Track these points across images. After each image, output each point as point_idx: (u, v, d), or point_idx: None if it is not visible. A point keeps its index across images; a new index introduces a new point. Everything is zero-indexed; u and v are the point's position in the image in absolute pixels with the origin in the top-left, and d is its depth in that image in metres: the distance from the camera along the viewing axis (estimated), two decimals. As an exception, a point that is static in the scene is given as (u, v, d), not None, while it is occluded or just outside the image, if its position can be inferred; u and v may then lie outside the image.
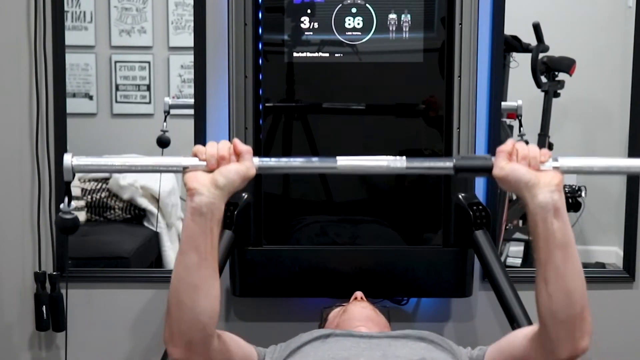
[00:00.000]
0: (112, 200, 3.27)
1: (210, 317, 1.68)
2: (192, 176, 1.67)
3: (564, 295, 1.68)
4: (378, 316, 2.08)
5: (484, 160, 1.72)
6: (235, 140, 1.70)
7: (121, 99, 3.41)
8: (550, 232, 1.66)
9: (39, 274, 2.53)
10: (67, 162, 1.71)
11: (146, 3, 3.37)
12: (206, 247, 1.66)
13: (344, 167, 1.74)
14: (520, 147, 1.70)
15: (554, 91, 3.20)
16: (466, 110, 2.34)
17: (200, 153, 1.68)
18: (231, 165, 1.67)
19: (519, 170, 1.67)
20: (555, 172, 1.69)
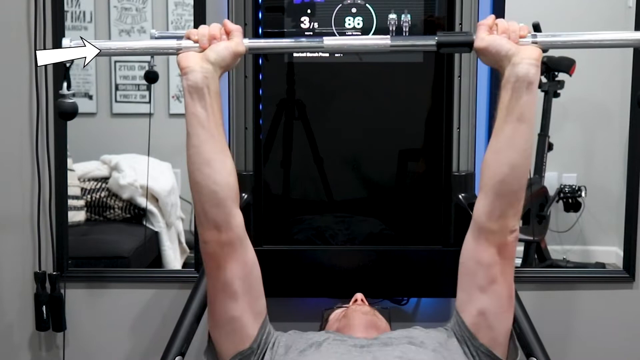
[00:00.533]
0: (112, 199, 3.26)
1: (227, 191, 1.77)
2: (184, 56, 1.76)
3: (510, 168, 1.75)
4: (379, 320, 2.08)
5: (466, 35, 1.80)
6: (225, 20, 1.80)
7: (121, 98, 3.40)
8: (517, 103, 1.73)
9: (39, 274, 2.53)
10: (66, 45, 1.77)
11: (146, 3, 3.36)
12: (209, 122, 1.74)
13: (330, 46, 1.82)
14: (500, 21, 1.79)
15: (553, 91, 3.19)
16: (466, 110, 2.34)
17: (192, 35, 1.78)
18: (221, 42, 1.77)
19: (499, 40, 1.75)
20: (534, 46, 1.76)
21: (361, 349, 1.84)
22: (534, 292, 2.55)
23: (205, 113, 1.74)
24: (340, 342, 1.88)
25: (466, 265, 1.88)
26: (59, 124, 2.51)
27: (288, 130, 2.36)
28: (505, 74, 1.75)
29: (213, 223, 1.78)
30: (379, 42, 1.82)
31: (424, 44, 1.86)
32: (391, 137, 2.37)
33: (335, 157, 2.38)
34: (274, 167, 2.36)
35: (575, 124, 3.31)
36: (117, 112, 3.42)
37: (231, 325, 1.86)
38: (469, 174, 2.36)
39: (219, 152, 1.76)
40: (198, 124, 1.74)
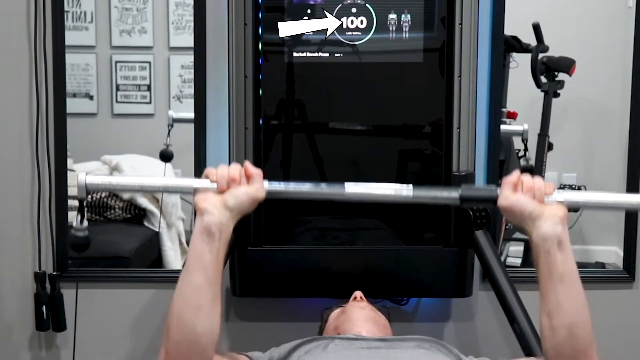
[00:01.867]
0: (112, 200, 3.27)
1: (210, 340, 1.66)
2: (202, 197, 1.70)
3: (567, 330, 1.66)
4: (378, 316, 2.08)
5: (490, 191, 1.76)
6: (247, 163, 1.74)
7: (121, 99, 3.41)
8: (553, 264, 1.66)
9: (39, 274, 2.53)
10: (82, 181, 1.75)
11: (146, 3, 3.37)
12: (212, 268, 1.67)
13: (351, 194, 1.78)
14: (525, 179, 1.72)
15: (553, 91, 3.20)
16: (466, 110, 2.34)
17: (211, 174, 1.72)
18: (241, 187, 1.71)
19: (523, 201, 1.69)
20: (560, 205, 1.70)
21: (369, 350, 1.84)
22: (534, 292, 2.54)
23: (210, 257, 1.67)
24: (347, 343, 1.88)
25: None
26: (59, 123, 2.51)
27: (288, 130, 2.36)
28: (532, 237, 1.68)
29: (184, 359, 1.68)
30: (402, 193, 1.78)
31: (447, 197, 1.81)
32: (391, 137, 2.37)
33: (335, 157, 2.38)
34: (274, 167, 2.36)
35: (575, 124, 3.32)
36: (117, 113, 3.42)
37: None
38: (469, 174, 2.36)
39: (211, 299, 1.67)
40: (200, 265, 1.67)
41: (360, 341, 1.90)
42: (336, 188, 1.79)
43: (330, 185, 1.82)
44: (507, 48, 2.94)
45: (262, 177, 1.73)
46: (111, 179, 1.78)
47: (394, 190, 1.80)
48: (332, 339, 1.91)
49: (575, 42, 3.22)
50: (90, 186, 1.75)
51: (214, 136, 2.49)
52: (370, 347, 1.86)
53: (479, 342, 2.62)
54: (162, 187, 1.83)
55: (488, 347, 2.54)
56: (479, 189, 1.82)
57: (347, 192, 1.78)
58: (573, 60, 3.13)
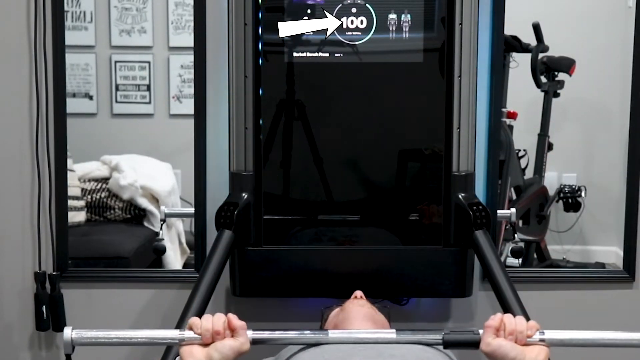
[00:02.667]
0: (112, 200, 3.27)
1: None
2: (187, 351, 1.75)
3: None
4: (377, 314, 2.09)
5: (472, 335, 1.82)
6: (230, 315, 1.78)
7: (121, 99, 3.41)
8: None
9: (39, 274, 2.53)
10: (67, 336, 1.78)
11: (146, 3, 3.37)
12: None
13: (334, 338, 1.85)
14: (507, 322, 1.78)
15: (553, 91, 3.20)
16: (466, 110, 2.34)
17: (195, 327, 1.76)
18: (226, 340, 1.75)
19: (505, 346, 1.75)
20: (542, 347, 1.76)
21: (365, 345, 1.85)
22: (534, 292, 2.55)
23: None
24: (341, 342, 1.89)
25: None
26: (59, 123, 2.51)
27: (288, 130, 2.35)
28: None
29: None
30: (385, 336, 1.84)
31: (430, 339, 1.86)
32: (391, 137, 2.37)
33: (335, 157, 2.38)
34: (274, 167, 2.36)
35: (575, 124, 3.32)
36: (117, 113, 3.42)
37: None
38: (469, 174, 2.36)
39: None
40: None
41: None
42: (320, 335, 1.87)
43: (315, 332, 1.89)
44: (507, 48, 2.94)
45: (246, 329, 1.78)
46: (97, 333, 1.80)
47: (377, 334, 1.88)
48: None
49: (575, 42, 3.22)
50: (76, 341, 1.78)
51: (213, 136, 2.49)
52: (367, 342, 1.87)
53: (479, 342, 2.62)
54: (147, 339, 1.86)
55: (488, 347, 2.54)
56: (462, 333, 1.88)
57: (331, 337, 1.85)
58: (573, 60, 3.13)
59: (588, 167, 3.33)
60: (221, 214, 2.32)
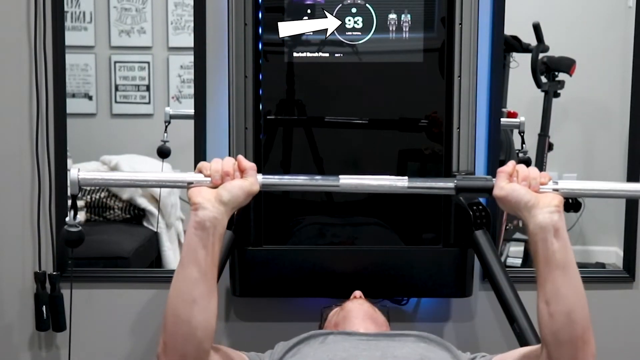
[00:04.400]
0: (112, 200, 3.26)
1: (206, 333, 1.67)
2: (196, 191, 1.70)
3: (565, 316, 1.67)
4: (376, 313, 2.09)
5: (485, 181, 1.77)
6: (240, 157, 1.74)
7: (121, 99, 3.40)
8: (550, 252, 1.67)
9: (39, 274, 2.53)
10: (74, 176, 1.74)
11: (146, 3, 3.36)
12: (207, 262, 1.67)
13: (345, 185, 1.78)
14: (520, 169, 1.74)
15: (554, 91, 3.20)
16: (466, 110, 2.34)
17: (204, 169, 1.72)
18: (235, 181, 1.71)
19: (518, 190, 1.70)
20: (555, 193, 1.71)
21: (368, 342, 1.85)
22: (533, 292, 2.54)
23: (204, 252, 1.67)
24: (346, 335, 1.89)
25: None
26: (59, 123, 2.51)
27: (288, 130, 2.36)
28: (529, 226, 1.69)
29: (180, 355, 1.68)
30: (397, 184, 1.80)
31: (442, 187, 1.84)
32: (391, 137, 2.37)
33: (335, 157, 2.38)
34: (274, 167, 2.36)
35: (575, 124, 3.31)
36: (117, 113, 3.42)
37: None
38: (469, 174, 2.36)
39: (207, 293, 1.67)
40: (194, 260, 1.67)
41: (359, 335, 1.91)
42: (330, 180, 1.79)
43: (325, 178, 1.82)
44: (507, 48, 2.93)
45: (256, 170, 1.74)
46: (103, 175, 1.79)
47: (389, 182, 1.81)
48: (330, 332, 1.92)
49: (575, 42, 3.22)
50: (83, 182, 1.75)
51: (213, 136, 2.49)
52: (370, 340, 1.86)
53: (479, 342, 2.62)
54: (155, 181, 1.84)
55: (488, 347, 2.54)
56: (475, 179, 1.84)
57: (342, 184, 1.78)
58: (573, 60, 3.12)
59: (588, 167, 3.33)
60: (221, 214, 2.31)
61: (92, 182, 1.78)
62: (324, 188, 1.82)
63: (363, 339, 1.87)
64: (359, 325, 1.99)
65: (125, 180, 1.83)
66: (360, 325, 1.99)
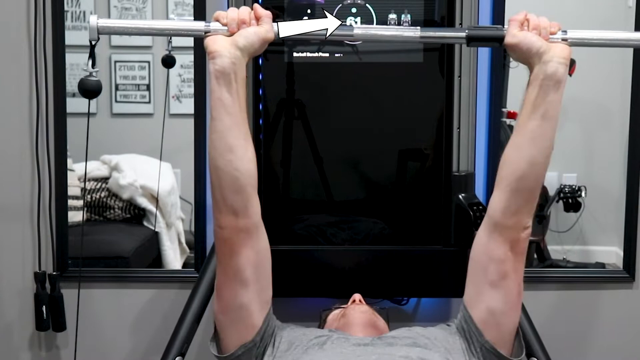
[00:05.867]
0: (112, 200, 3.26)
1: (248, 178, 1.77)
2: (212, 39, 1.74)
3: (529, 164, 1.77)
4: (378, 319, 2.08)
5: (497, 30, 1.80)
6: (256, 5, 1.77)
7: (121, 98, 3.40)
8: (543, 100, 1.75)
9: (39, 274, 2.53)
10: (93, 23, 1.75)
11: (146, 3, 3.37)
12: (234, 107, 1.73)
13: (360, 34, 1.82)
14: (531, 18, 1.79)
15: (554, 91, 3.19)
16: (466, 110, 2.34)
17: (221, 17, 1.75)
18: (251, 27, 1.74)
19: (530, 37, 1.76)
20: (565, 45, 1.77)
21: (365, 347, 1.84)
22: (533, 292, 2.55)
23: (231, 98, 1.72)
24: (344, 340, 1.88)
25: (477, 260, 1.88)
26: (59, 123, 2.51)
27: (288, 130, 2.36)
28: (534, 71, 1.76)
29: (231, 209, 1.77)
30: (409, 34, 1.82)
31: (454, 36, 1.87)
32: (391, 137, 2.37)
33: (335, 157, 2.38)
34: (274, 167, 2.36)
35: (575, 124, 3.31)
36: (117, 112, 3.42)
37: (239, 312, 1.85)
38: (469, 174, 2.36)
39: (242, 138, 1.75)
40: (223, 109, 1.72)
41: (357, 339, 1.90)
42: (345, 29, 1.82)
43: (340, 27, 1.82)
44: (507, 48, 2.93)
45: (271, 17, 1.77)
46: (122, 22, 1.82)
47: (401, 31, 1.86)
48: (329, 335, 1.91)
49: (575, 42, 3.22)
50: (102, 29, 1.75)
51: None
52: (367, 345, 1.86)
53: (479, 342, 2.62)
54: (172, 30, 1.85)
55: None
56: (486, 27, 1.86)
57: (356, 33, 1.81)
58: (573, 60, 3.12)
59: (588, 167, 3.33)
60: (221, 214, 2.32)
61: (111, 29, 1.78)
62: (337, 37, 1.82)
63: (360, 344, 1.86)
64: (361, 334, 1.98)
65: (144, 28, 1.84)
66: (362, 334, 1.99)
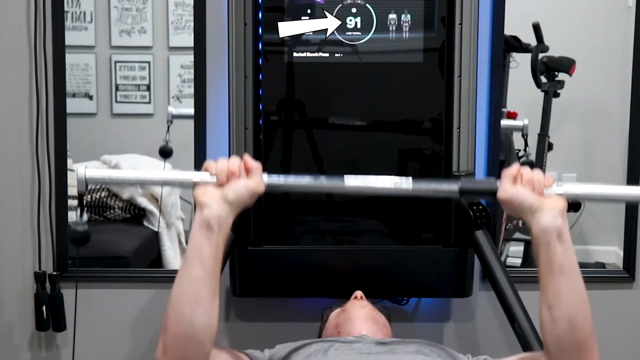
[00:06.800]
0: (112, 199, 3.26)
1: (208, 334, 1.65)
2: (202, 190, 1.70)
3: (567, 321, 1.66)
4: (378, 315, 2.09)
5: (489, 183, 1.76)
6: (246, 156, 1.73)
7: (121, 98, 3.40)
8: (553, 256, 1.66)
9: (39, 274, 2.53)
10: (81, 174, 1.76)
11: (146, 3, 3.36)
12: (211, 261, 1.67)
13: (350, 187, 1.78)
14: (525, 172, 1.73)
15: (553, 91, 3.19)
16: (466, 110, 2.34)
17: (210, 168, 1.72)
18: (241, 180, 1.70)
19: (522, 193, 1.69)
20: (559, 197, 1.71)
21: (369, 356, 1.84)
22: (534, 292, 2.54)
23: (209, 250, 1.66)
24: (347, 348, 1.88)
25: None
26: (59, 123, 2.51)
27: (288, 130, 2.36)
28: (532, 229, 1.69)
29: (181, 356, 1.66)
30: (401, 186, 1.79)
31: (447, 190, 1.83)
32: (391, 137, 2.37)
33: (335, 157, 2.38)
34: (274, 167, 2.36)
35: (575, 124, 3.31)
36: (117, 113, 3.42)
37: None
38: (469, 174, 2.36)
39: (210, 293, 1.66)
40: (198, 259, 1.66)
41: (360, 345, 1.90)
42: (335, 181, 1.79)
43: (330, 178, 1.82)
44: (507, 48, 2.93)
45: (262, 170, 1.73)
46: (110, 173, 1.78)
47: (393, 184, 1.80)
48: (332, 342, 1.91)
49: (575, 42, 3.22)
50: (90, 180, 1.76)
51: (213, 136, 2.49)
52: (370, 353, 1.86)
53: (479, 342, 2.62)
54: (161, 180, 1.85)
55: (488, 347, 2.54)
56: (479, 181, 1.83)
57: (347, 186, 1.78)
58: (573, 60, 3.12)
59: (588, 167, 3.33)
60: (221, 214, 2.31)
61: (99, 180, 1.79)
62: (329, 189, 1.80)
63: (364, 352, 1.86)
64: (361, 328, 1.99)
65: (132, 179, 1.84)
66: (362, 327, 1.99)
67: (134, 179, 1.83)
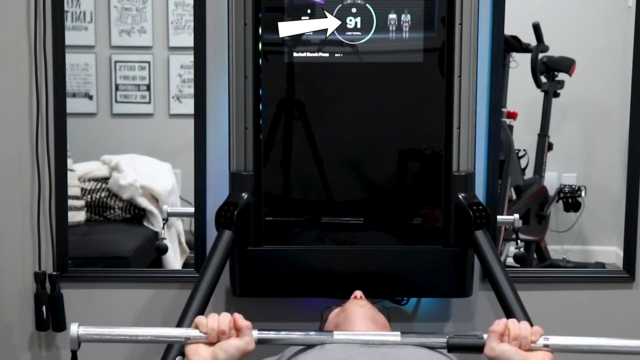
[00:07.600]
0: (112, 200, 3.26)
1: None
2: (193, 349, 1.76)
3: None
4: (377, 315, 2.09)
5: (476, 339, 1.82)
6: (236, 315, 1.79)
7: (121, 98, 3.41)
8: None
9: (39, 274, 2.53)
10: (74, 332, 1.79)
11: (146, 3, 3.37)
12: None
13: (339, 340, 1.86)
14: (512, 327, 1.78)
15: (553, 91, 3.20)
16: (466, 110, 2.34)
17: (201, 326, 1.78)
18: (231, 340, 1.76)
19: (509, 352, 1.75)
20: (545, 352, 1.76)
21: (370, 347, 1.85)
22: (534, 292, 2.55)
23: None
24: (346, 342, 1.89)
25: None
26: (59, 123, 2.51)
27: (288, 130, 2.35)
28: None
29: None
30: (389, 338, 1.86)
31: (434, 342, 1.87)
32: (391, 137, 2.37)
33: (335, 157, 2.38)
34: (274, 167, 2.36)
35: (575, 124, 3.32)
36: (117, 113, 3.42)
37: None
38: (469, 174, 2.36)
39: None
40: None
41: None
42: (325, 336, 1.87)
43: (320, 334, 1.91)
44: (507, 48, 2.94)
45: (251, 329, 1.79)
46: (103, 330, 1.82)
47: (381, 336, 1.88)
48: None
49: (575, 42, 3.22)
50: (82, 337, 1.80)
51: (213, 136, 2.49)
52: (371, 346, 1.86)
53: (479, 342, 2.62)
54: (154, 337, 1.86)
55: (488, 347, 2.54)
56: (466, 337, 1.88)
57: (336, 338, 1.86)
58: (573, 60, 3.13)
59: (588, 167, 3.33)
60: (221, 214, 2.32)
61: (91, 337, 1.81)
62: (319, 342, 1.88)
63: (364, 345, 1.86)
64: (360, 327, 1.99)
65: (125, 336, 1.86)
66: (361, 327, 1.99)
67: (126, 335, 1.86)
